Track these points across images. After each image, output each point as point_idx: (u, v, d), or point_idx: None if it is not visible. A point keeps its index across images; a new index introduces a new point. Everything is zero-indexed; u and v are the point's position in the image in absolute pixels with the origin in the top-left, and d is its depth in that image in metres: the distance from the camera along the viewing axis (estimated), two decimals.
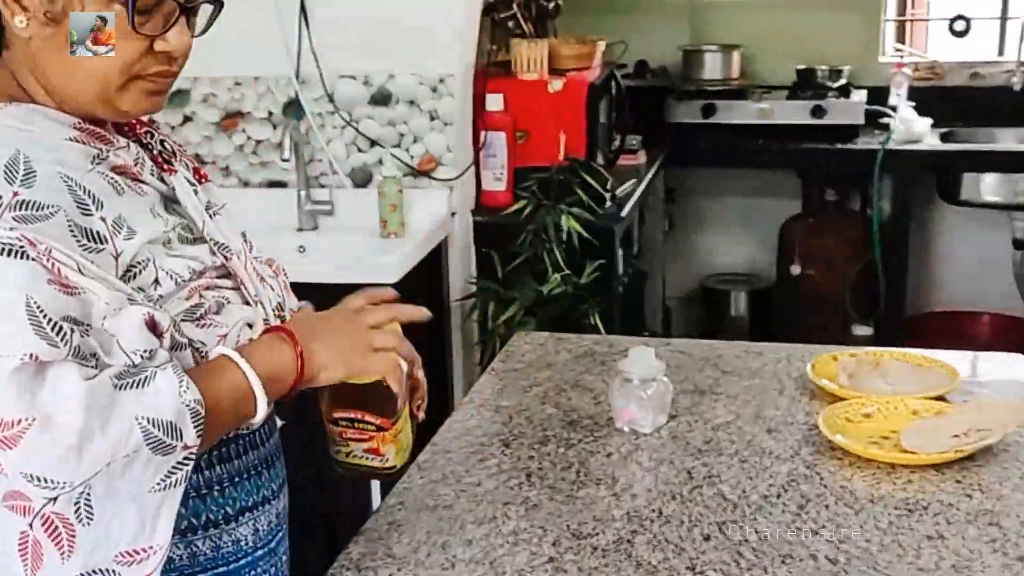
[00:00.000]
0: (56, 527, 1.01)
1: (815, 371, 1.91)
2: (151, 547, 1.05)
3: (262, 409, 1.17)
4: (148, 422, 1.04)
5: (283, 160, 3.03)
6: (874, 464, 1.62)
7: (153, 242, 1.16)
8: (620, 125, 3.76)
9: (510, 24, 3.66)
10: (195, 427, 1.07)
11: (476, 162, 3.34)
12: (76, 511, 1.01)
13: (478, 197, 3.38)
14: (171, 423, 1.05)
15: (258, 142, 3.25)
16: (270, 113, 3.22)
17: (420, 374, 1.41)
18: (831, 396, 1.84)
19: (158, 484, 1.05)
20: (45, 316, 1.01)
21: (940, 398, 1.81)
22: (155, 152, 1.26)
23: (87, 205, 1.11)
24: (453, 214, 3.23)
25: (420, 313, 1.36)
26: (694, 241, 4.87)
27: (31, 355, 1.00)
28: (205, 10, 1.23)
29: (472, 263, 3.34)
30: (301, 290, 1.48)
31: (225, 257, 1.25)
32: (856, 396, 1.81)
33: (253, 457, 1.25)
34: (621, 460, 1.69)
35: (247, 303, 1.25)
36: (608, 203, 3.33)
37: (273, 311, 1.29)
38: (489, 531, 1.49)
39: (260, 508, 1.26)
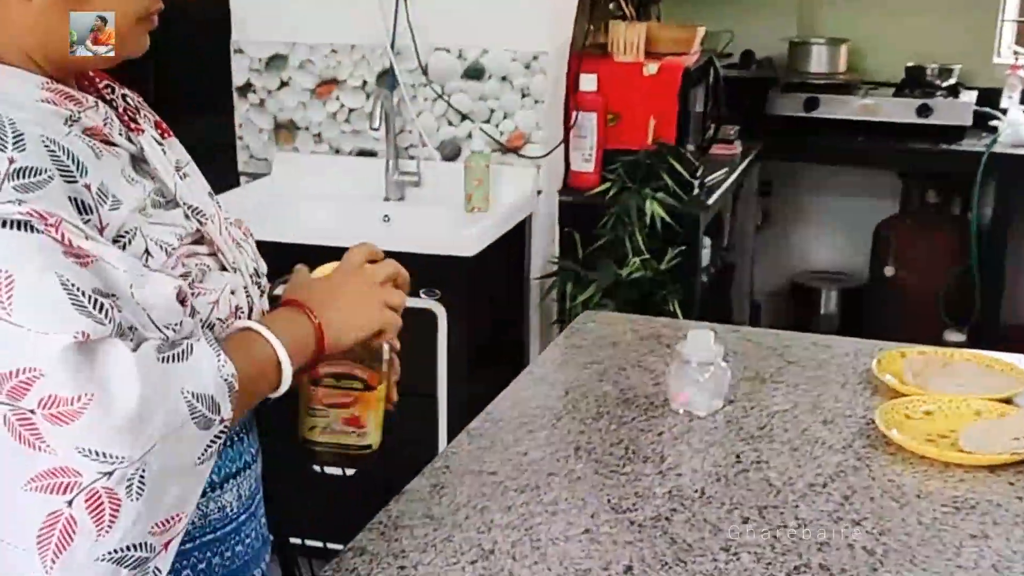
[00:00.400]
0: (101, 502, 0.96)
1: (880, 367, 1.88)
2: (177, 515, 1.03)
3: (287, 379, 1.17)
4: (193, 396, 1.02)
5: (373, 129, 3.05)
6: (927, 461, 1.58)
7: (133, 210, 1.09)
8: (715, 114, 3.71)
9: (611, 6, 3.65)
10: (230, 401, 1.06)
11: (566, 142, 3.33)
12: (128, 487, 0.97)
13: (566, 177, 3.38)
14: (211, 397, 1.04)
15: (351, 110, 3.28)
16: (364, 82, 3.25)
17: (395, 359, 1.35)
18: (894, 392, 1.81)
19: (198, 458, 1.04)
20: (81, 292, 0.97)
21: (1007, 401, 1.77)
22: (120, 109, 1.19)
23: (71, 171, 1.04)
24: (539, 192, 3.23)
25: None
26: (787, 236, 4.80)
27: (83, 333, 0.95)
28: None
29: (555, 242, 3.34)
30: None
31: (199, 222, 1.18)
32: (919, 393, 1.78)
33: (235, 423, 1.20)
34: (671, 440, 1.68)
35: (224, 269, 1.19)
36: (695, 191, 3.30)
37: (250, 276, 1.25)
38: (529, 499, 1.49)
39: (242, 473, 1.25)
